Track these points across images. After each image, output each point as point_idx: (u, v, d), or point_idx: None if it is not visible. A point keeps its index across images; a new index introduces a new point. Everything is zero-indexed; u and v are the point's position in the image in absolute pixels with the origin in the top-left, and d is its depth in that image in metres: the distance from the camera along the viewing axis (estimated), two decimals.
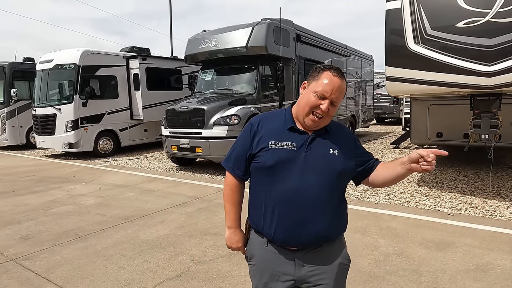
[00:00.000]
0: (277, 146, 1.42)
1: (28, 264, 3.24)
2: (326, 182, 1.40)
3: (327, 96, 1.38)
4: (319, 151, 1.43)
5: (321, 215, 1.39)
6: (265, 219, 1.44)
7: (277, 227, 1.41)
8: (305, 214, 1.38)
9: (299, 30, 8.62)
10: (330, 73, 1.39)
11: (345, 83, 1.42)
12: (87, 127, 9.38)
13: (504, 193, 5.11)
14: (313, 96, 1.40)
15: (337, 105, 1.43)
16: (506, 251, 3.22)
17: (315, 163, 1.40)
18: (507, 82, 3.91)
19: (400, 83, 4.61)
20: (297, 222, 1.39)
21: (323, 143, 1.45)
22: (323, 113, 1.39)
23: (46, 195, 5.79)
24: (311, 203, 1.38)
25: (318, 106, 1.39)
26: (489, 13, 3.93)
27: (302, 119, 1.44)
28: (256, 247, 1.51)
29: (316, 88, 1.39)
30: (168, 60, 11.51)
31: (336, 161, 1.43)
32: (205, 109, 6.89)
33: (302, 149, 1.42)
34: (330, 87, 1.37)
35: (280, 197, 1.40)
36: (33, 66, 10.87)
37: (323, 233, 1.41)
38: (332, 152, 1.44)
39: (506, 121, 5.28)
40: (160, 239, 3.76)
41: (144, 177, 7.01)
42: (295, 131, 1.46)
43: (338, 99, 1.40)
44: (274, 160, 1.40)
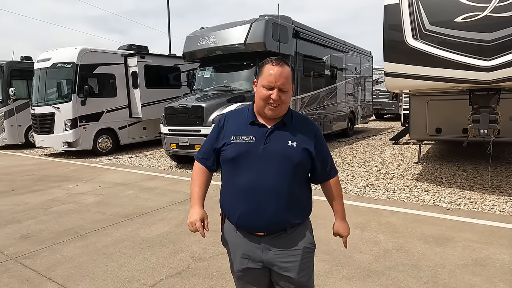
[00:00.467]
0: (238, 140, 1.54)
1: (28, 263, 3.25)
2: (282, 173, 1.50)
3: (273, 86, 1.48)
4: (277, 143, 1.53)
5: (277, 203, 1.50)
6: (230, 207, 1.58)
7: (239, 214, 1.54)
8: (261, 202, 1.50)
9: (297, 26, 8.60)
10: (270, 65, 1.51)
11: (287, 69, 1.52)
12: (86, 125, 9.36)
13: (503, 187, 5.12)
14: (262, 90, 1.51)
15: (288, 90, 1.52)
16: (505, 245, 3.23)
17: (273, 154, 1.51)
18: (506, 77, 3.90)
19: (399, 79, 4.60)
20: (255, 209, 1.50)
21: (281, 135, 1.55)
22: (276, 101, 1.49)
23: (46, 194, 5.79)
24: (268, 192, 1.49)
25: (269, 96, 1.49)
26: (488, 8, 3.92)
27: (262, 112, 1.55)
28: (229, 233, 1.64)
29: (263, 82, 1.51)
30: (166, 58, 11.49)
31: (293, 152, 1.52)
32: (204, 107, 6.88)
33: (261, 141, 1.52)
34: (273, 76, 1.48)
35: (240, 186, 1.53)
36: (31, 65, 10.84)
37: (279, 219, 1.52)
38: (290, 144, 1.53)
39: (505, 116, 5.29)
40: (160, 237, 3.77)
41: (144, 175, 7.01)
42: (255, 125, 1.57)
43: (284, 84, 1.50)
44: (235, 153, 1.53)
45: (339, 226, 1.72)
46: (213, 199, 5.07)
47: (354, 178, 6.16)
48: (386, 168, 6.86)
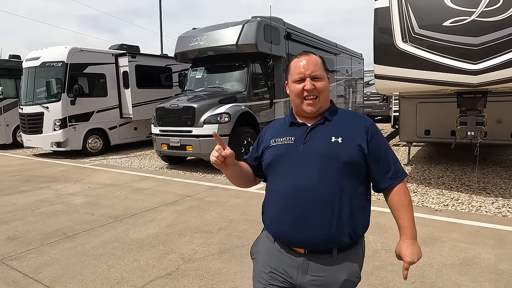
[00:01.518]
0: (277, 142, 1.42)
1: (15, 265, 3.20)
2: (327, 174, 1.29)
3: (304, 76, 1.38)
4: (318, 140, 1.35)
5: (322, 213, 1.27)
6: (270, 216, 1.41)
7: (278, 223, 1.36)
8: (304, 210, 1.29)
9: (289, 28, 8.64)
10: (295, 59, 1.43)
11: (315, 56, 1.41)
12: (75, 125, 9.25)
13: (490, 189, 5.22)
14: (295, 86, 1.41)
15: (321, 77, 1.39)
16: (490, 245, 3.29)
17: (314, 154, 1.32)
18: (492, 80, 3.99)
19: (388, 81, 4.66)
20: (297, 219, 1.30)
21: (323, 131, 1.37)
22: (311, 91, 1.37)
23: (34, 194, 5.70)
24: (311, 198, 1.29)
25: (303, 89, 1.38)
26: (475, 12, 4.00)
27: (301, 110, 1.42)
28: (262, 243, 1.47)
29: (293, 78, 1.41)
30: (158, 58, 11.43)
31: (339, 149, 1.31)
32: (196, 107, 6.86)
33: (301, 141, 1.37)
34: (301, 67, 1.38)
35: (281, 192, 1.36)
36: (19, 64, 10.67)
37: (325, 232, 1.27)
38: (334, 140, 1.33)
39: (491, 118, 5.39)
40: (150, 238, 3.74)
41: (134, 176, 6.95)
42: (294, 125, 1.45)
43: (315, 71, 1.38)
44: (272, 156, 1.40)
45: (403, 247, 1.36)
46: (205, 200, 5.08)
47: None
48: None
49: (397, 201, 1.37)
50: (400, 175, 1.38)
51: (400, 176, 1.38)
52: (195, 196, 5.32)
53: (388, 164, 1.37)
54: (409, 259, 1.34)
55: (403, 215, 1.37)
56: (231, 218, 4.25)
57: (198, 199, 5.12)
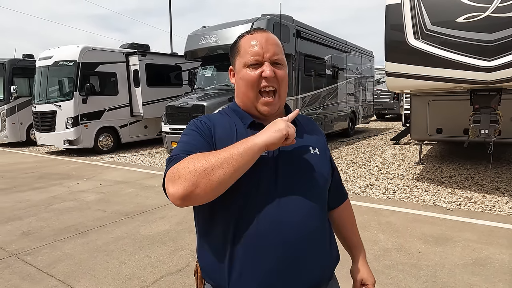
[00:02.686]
0: None
1: (29, 260, 3.26)
2: (315, 196, 1.00)
3: (261, 59, 0.99)
4: (297, 150, 1.01)
5: (317, 248, 0.98)
6: (232, 271, 0.93)
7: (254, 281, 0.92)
8: (294, 252, 0.93)
9: (299, 26, 8.60)
10: (249, 35, 1.03)
11: (274, 36, 1.05)
12: (87, 123, 9.38)
13: (504, 188, 5.12)
14: (248, 71, 1.00)
15: (283, 63, 1.03)
16: (504, 246, 3.23)
17: (297, 169, 0.98)
18: (507, 77, 3.90)
19: (400, 79, 4.60)
20: (284, 267, 0.92)
21: (299, 139, 1.01)
22: (272, 80, 0.99)
23: (47, 191, 5.81)
24: (301, 234, 0.94)
25: (260, 77, 0.99)
26: (489, 8, 3.92)
27: (254, 109, 1.03)
28: None
29: (246, 60, 1.01)
30: (167, 57, 11.50)
31: (319, 163, 1.04)
32: (205, 105, 6.89)
33: (272, 152, 0.97)
34: (258, 46, 1.00)
35: (253, 234, 0.92)
36: (32, 63, 10.86)
37: (322, 274, 1.00)
38: (313, 151, 1.04)
39: (506, 116, 5.28)
40: (161, 235, 3.78)
41: (145, 174, 7.02)
42: (256, 127, 1.01)
43: (277, 54, 1.01)
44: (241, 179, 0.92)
45: (364, 271, 1.16)
46: None
47: (354, 177, 6.16)
48: (387, 168, 6.86)
49: (349, 216, 1.22)
50: (346, 192, 1.25)
51: (346, 192, 1.24)
52: None
53: (339, 178, 1.21)
54: (374, 281, 1.15)
55: (356, 232, 1.22)
56: None
57: None
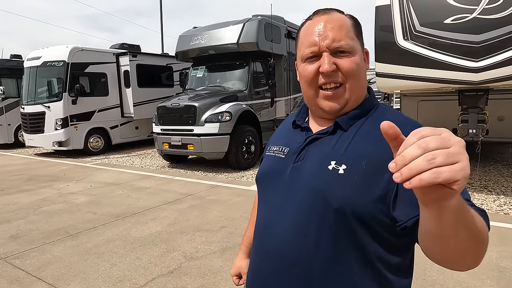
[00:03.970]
0: (269, 151, 0.98)
1: (18, 263, 3.21)
2: (309, 221, 0.79)
3: (318, 50, 0.83)
4: (312, 162, 0.84)
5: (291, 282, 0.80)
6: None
7: (249, 273, 0.97)
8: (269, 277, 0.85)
9: (290, 26, 8.63)
10: (307, 22, 0.88)
11: (339, 16, 0.86)
12: (77, 125, 9.27)
13: (491, 186, 5.22)
14: (305, 66, 0.87)
15: (350, 50, 0.83)
16: (492, 243, 3.29)
17: (300, 185, 0.83)
18: (494, 78, 3.98)
19: (389, 79, 4.66)
20: (259, 281, 0.89)
21: (325, 149, 0.84)
22: (331, 76, 0.83)
23: (36, 193, 5.72)
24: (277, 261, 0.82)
25: (317, 71, 0.84)
26: (476, 10, 3.99)
27: (317, 108, 0.89)
28: None
29: (301, 53, 0.87)
30: (159, 57, 11.44)
31: (335, 185, 0.77)
32: (197, 106, 6.87)
33: (292, 157, 0.88)
34: (315, 33, 0.83)
35: (256, 230, 0.95)
36: (20, 63, 10.70)
37: None
38: (333, 167, 0.79)
39: (493, 116, 5.38)
40: (152, 236, 3.75)
41: (136, 175, 6.97)
42: (297, 128, 0.95)
43: (339, 39, 0.82)
44: (259, 173, 0.98)
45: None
46: (206, 198, 5.09)
47: None
48: None
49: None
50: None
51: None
52: (197, 194, 5.33)
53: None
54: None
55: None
56: (232, 217, 4.26)
57: (199, 198, 5.13)
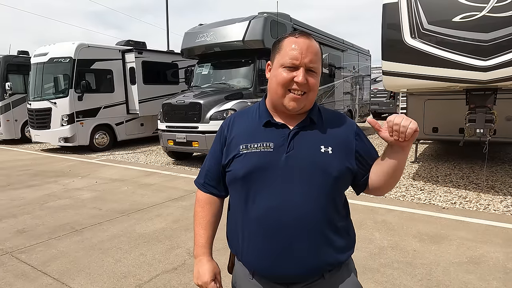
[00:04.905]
0: (250, 149, 1.11)
1: (24, 258, 3.24)
2: (317, 192, 1.07)
3: (298, 64, 1.07)
4: (305, 149, 1.10)
5: (313, 238, 1.07)
6: (243, 247, 1.14)
7: (257, 257, 1.10)
8: (291, 239, 1.06)
9: (296, 24, 8.58)
10: (292, 37, 1.11)
11: (316, 44, 1.12)
12: (83, 121, 9.32)
13: (498, 187, 5.16)
14: (282, 72, 1.09)
15: (317, 71, 1.11)
16: (499, 244, 3.26)
17: (301, 167, 1.08)
18: (503, 77, 3.93)
19: (396, 78, 4.62)
20: (281, 251, 1.07)
21: (310, 138, 1.12)
22: (302, 86, 1.08)
23: (42, 189, 5.77)
24: (300, 225, 1.06)
25: (292, 80, 1.08)
26: (486, 8, 3.93)
27: (281, 105, 1.13)
28: (241, 279, 1.20)
29: (283, 60, 1.10)
30: (164, 54, 11.44)
31: (330, 161, 1.09)
32: (202, 103, 6.87)
33: (282, 149, 1.09)
34: (298, 51, 1.08)
35: (258, 217, 1.08)
36: (27, 60, 10.76)
37: (317, 261, 1.08)
38: (324, 150, 1.10)
39: (501, 116, 5.32)
40: (157, 233, 3.77)
41: (141, 171, 7.00)
42: (272, 126, 1.14)
43: (313, 62, 1.09)
44: (246, 169, 1.09)
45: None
46: None
47: None
48: None
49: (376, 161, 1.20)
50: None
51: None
52: None
53: (374, 154, 1.22)
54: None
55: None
56: None
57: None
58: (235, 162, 1.13)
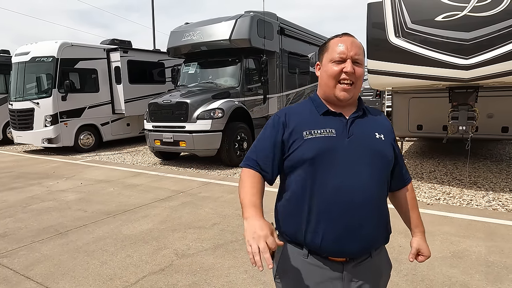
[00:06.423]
0: (314, 135, 1.20)
1: (6, 262, 3.16)
2: (378, 173, 1.21)
3: (345, 57, 1.22)
4: (363, 135, 1.23)
5: (375, 216, 1.20)
6: (308, 226, 1.19)
7: (324, 234, 1.16)
8: (358, 216, 1.16)
9: (282, 23, 8.61)
10: (338, 38, 1.27)
11: (358, 41, 1.27)
12: (67, 121, 9.14)
13: (480, 183, 5.29)
14: (331, 66, 1.24)
15: (362, 63, 1.25)
16: (481, 238, 3.34)
17: (363, 150, 1.20)
18: (484, 75, 4.02)
19: (381, 76, 4.67)
20: (350, 227, 1.16)
21: (365, 125, 1.26)
22: (351, 76, 1.22)
23: (25, 191, 5.63)
24: (365, 203, 1.16)
25: (341, 71, 1.22)
26: (467, 7, 4.02)
27: (332, 95, 1.25)
28: (291, 261, 1.23)
29: (332, 56, 1.24)
30: (150, 53, 11.31)
31: (384, 146, 1.24)
32: (189, 103, 6.82)
33: (344, 134, 1.21)
34: (344, 47, 1.23)
35: (325, 197, 1.16)
36: (8, 59, 10.50)
37: (375, 238, 1.22)
38: (378, 136, 1.24)
39: (483, 113, 5.44)
40: (143, 234, 3.72)
41: (127, 172, 6.90)
42: (329, 115, 1.26)
43: (358, 55, 1.23)
44: (314, 151, 1.17)
45: (421, 243, 1.37)
46: (198, 195, 5.06)
47: None
48: None
49: (411, 198, 1.39)
50: (409, 176, 1.41)
51: (409, 177, 1.40)
52: (189, 192, 5.30)
53: (403, 164, 1.38)
54: (430, 254, 1.39)
55: (416, 212, 1.40)
56: (224, 214, 4.25)
57: (191, 195, 5.10)
58: (301, 146, 1.20)
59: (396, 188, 1.38)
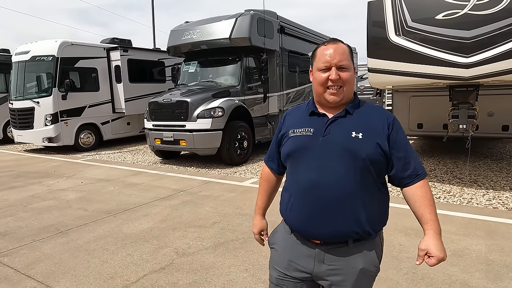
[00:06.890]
0: (295, 133, 1.40)
1: (6, 261, 3.16)
2: (348, 170, 1.28)
3: (329, 65, 1.33)
4: (338, 134, 1.33)
5: (341, 208, 1.29)
6: (287, 207, 1.42)
7: (295, 216, 1.38)
8: (323, 207, 1.30)
9: (282, 21, 8.59)
10: (322, 46, 1.38)
11: (342, 45, 1.36)
12: (67, 120, 9.15)
13: (481, 181, 5.29)
14: (319, 74, 1.36)
15: (347, 67, 1.34)
16: (481, 237, 3.34)
17: (333, 148, 1.31)
18: (484, 74, 4.02)
19: (382, 75, 4.67)
20: (314, 215, 1.31)
21: (344, 125, 1.34)
22: (336, 81, 1.33)
23: (25, 190, 5.64)
24: (330, 196, 1.29)
25: (327, 79, 1.33)
26: (467, 6, 4.01)
27: (323, 100, 1.39)
28: (280, 234, 1.50)
29: (318, 65, 1.37)
30: (150, 52, 11.31)
31: (358, 145, 1.29)
32: (189, 102, 6.82)
33: (320, 133, 1.34)
34: (328, 55, 1.33)
35: (299, 187, 1.36)
36: (8, 58, 10.49)
37: (343, 228, 1.30)
38: (354, 135, 1.31)
39: (483, 111, 5.44)
40: (144, 233, 3.73)
41: (127, 171, 6.91)
42: (314, 115, 1.41)
43: (342, 61, 1.33)
44: (291, 148, 1.40)
45: (430, 243, 1.29)
46: (199, 194, 5.07)
47: None
48: None
49: (420, 197, 1.33)
50: (422, 173, 1.35)
51: (421, 173, 1.34)
52: (189, 190, 5.31)
53: (408, 161, 1.34)
54: (441, 255, 1.27)
55: (429, 209, 1.32)
56: (225, 212, 4.25)
57: (192, 194, 5.11)
58: (285, 142, 1.44)
59: (400, 185, 1.39)
